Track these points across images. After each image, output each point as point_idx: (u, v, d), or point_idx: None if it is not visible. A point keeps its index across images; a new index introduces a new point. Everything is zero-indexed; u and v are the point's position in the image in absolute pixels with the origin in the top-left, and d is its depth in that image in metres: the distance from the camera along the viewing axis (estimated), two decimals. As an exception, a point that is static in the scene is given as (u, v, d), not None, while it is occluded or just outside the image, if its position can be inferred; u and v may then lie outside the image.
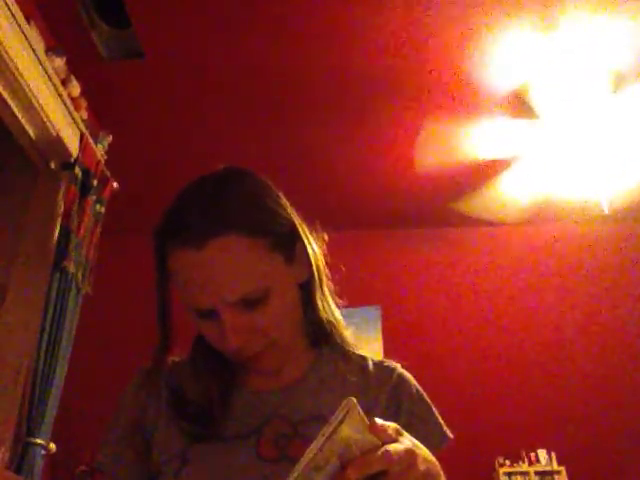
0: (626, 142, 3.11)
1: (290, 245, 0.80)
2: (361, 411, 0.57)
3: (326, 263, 0.88)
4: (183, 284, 0.75)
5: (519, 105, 2.90)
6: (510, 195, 3.54)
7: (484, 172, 3.35)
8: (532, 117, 2.97)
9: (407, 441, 0.60)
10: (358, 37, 2.51)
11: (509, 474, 3.18)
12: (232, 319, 0.74)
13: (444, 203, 3.65)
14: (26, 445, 1.98)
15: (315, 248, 0.85)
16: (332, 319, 0.88)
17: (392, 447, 0.57)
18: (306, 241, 0.83)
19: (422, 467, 0.60)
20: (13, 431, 2.00)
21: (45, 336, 2.10)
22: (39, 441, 2.01)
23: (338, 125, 3.03)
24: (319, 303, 0.86)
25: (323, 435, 0.54)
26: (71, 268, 2.20)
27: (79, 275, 2.27)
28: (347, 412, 0.55)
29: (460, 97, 2.86)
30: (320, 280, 0.86)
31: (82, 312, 2.33)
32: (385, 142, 3.16)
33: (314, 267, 0.84)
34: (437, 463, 0.65)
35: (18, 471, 1.93)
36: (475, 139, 3.13)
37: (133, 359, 0.90)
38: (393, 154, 3.24)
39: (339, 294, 0.91)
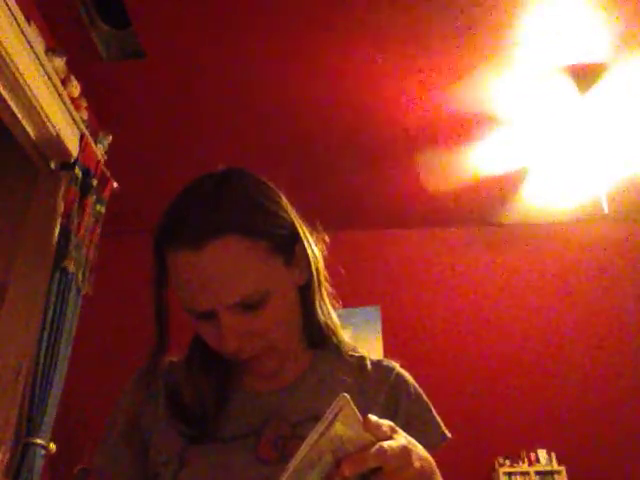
0: (627, 142, 3.10)
1: (290, 247, 0.79)
2: (355, 408, 0.56)
3: (325, 264, 0.87)
4: (181, 285, 0.74)
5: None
6: (510, 194, 3.54)
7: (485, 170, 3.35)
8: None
9: (402, 438, 0.60)
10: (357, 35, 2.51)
11: (509, 474, 3.18)
12: (230, 321, 0.73)
13: (444, 203, 3.65)
14: (26, 445, 1.98)
15: (315, 250, 0.84)
16: (330, 322, 0.88)
17: (387, 444, 0.57)
18: (306, 243, 0.82)
19: (417, 464, 0.60)
20: (13, 431, 2.00)
21: (45, 336, 2.09)
22: (39, 441, 2.00)
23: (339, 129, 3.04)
24: (317, 306, 0.85)
25: (317, 432, 0.54)
26: (71, 268, 2.20)
27: (79, 275, 2.27)
28: (340, 409, 0.55)
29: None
30: (319, 283, 0.85)
31: (82, 312, 2.33)
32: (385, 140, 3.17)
33: (313, 270, 0.83)
34: (432, 461, 0.65)
35: (18, 471, 1.93)
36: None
37: (133, 359, 0.90)
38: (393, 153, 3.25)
39: (338, 295, 0.90)
